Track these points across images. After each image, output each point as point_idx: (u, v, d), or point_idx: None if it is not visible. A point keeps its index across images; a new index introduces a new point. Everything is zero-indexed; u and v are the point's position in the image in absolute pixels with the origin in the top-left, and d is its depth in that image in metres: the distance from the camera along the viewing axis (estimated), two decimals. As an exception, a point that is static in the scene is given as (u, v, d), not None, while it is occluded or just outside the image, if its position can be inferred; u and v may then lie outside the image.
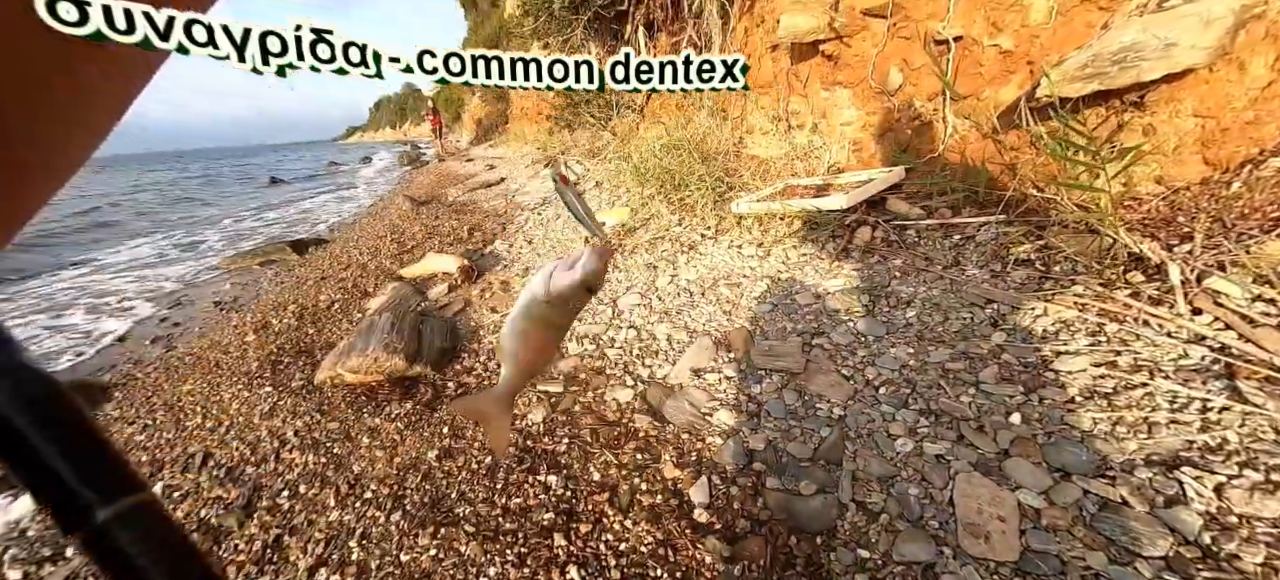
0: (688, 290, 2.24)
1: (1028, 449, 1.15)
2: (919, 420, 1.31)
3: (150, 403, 2.21)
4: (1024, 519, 1.03)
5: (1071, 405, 1.22)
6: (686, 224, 2.84)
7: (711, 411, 1.52)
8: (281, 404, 1.98)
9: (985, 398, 1.31)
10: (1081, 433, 1.15)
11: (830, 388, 1.49)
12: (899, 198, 2.31)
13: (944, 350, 1.50)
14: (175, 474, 1.70)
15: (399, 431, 1.69)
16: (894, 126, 2.63)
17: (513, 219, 4.41)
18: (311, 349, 2.46)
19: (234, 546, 1.36)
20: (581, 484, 1.36)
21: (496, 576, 1.14)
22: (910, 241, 2.07)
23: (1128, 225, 1.58)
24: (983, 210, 2.01)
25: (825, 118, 2.97)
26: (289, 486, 1.54)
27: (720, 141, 3.46)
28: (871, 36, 2.65)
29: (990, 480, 1.11)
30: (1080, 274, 1.57)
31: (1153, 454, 1.06)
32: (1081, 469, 1.08)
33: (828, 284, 1.99)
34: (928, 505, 1.11)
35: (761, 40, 3.32)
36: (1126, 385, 1.22)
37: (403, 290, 2.79)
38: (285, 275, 4.02)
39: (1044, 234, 1.75)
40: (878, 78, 2.64)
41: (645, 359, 1.85)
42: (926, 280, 1.82)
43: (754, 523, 1.18)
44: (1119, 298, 1.43)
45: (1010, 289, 1.63)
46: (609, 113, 5.56)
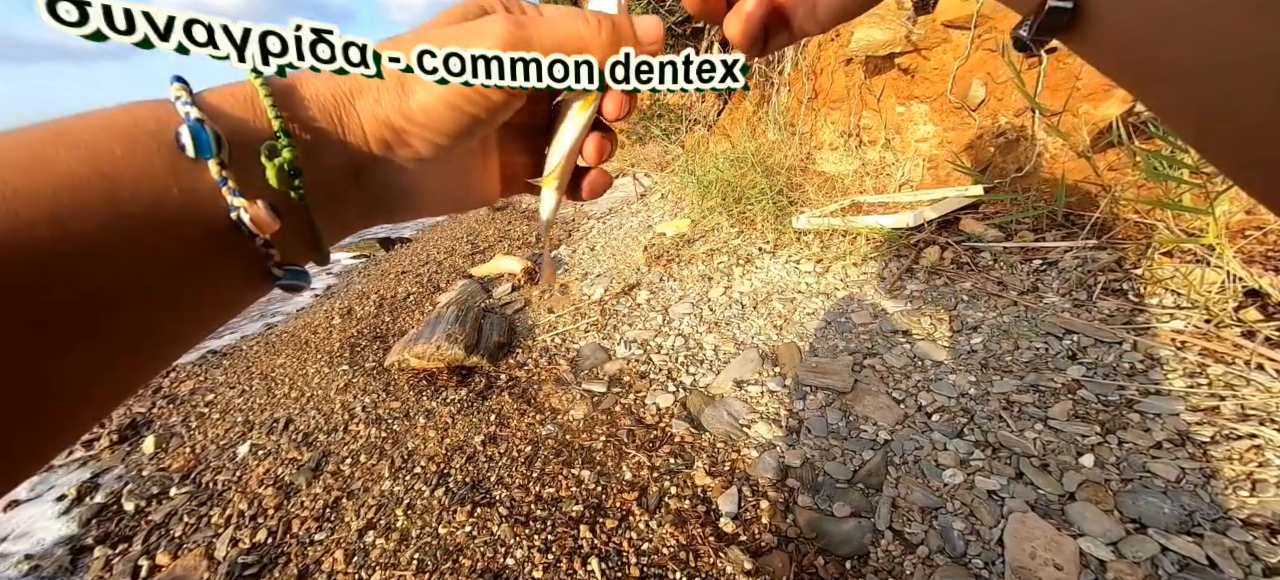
0: (739, 302, 2.21)
1: (1098, 494, 1.03)
2: (973, 452, 1.21)
3: (250, 371, 2.50)
4: (1085, 569, 0.92)
5: (1156, 451, 1.08)
6: (745, 237, 2.81)
7: (750, 423, 1.49)
8: (355, 381, 2.17)
9: (1053, 435, 1.19)
10: (1166, 482, 1.02)
11: (878, 410, 1.42)
12: (974, 218, 2.15)
13: (1010, 380, 1.38)
14: (262, 435, 1.91)
15: (451, 415, 1.80)
16: (974, 143, 2.47)
17: (579, 226, 4.55)
18: (386, 335, 2.67)
19: (301, 503, 1.51)
20: (612, 481, 1.38)
21: (522, 558, 1.18)
22: (983, 264, 1.92)
23: (1246, 256, 1.38)
24: (1070, 233, 1.84)
25: (899, 134, 2.84)
26: (352, 455, 1.68)
27: (787, 156, 3.40)
28: (952, 49, 2.51)
29: (1049, 523, 1.01)
30: (1183, 308, 1.39)
31: (1255, 515, 0.92)
32: (1162, 522, 0.96)
33: (887, 304, 1.89)
34: (973, 542, 1.02)
35: (834, 55, 3.24)
36: (1229, 434, 1.06)
37: (470, 287, 2.96)
38: (372, 268, 4.40)
39: (1141, 263, 1.57)
40: (958, 92, 2.50)
41: (690, 367, 1.85)
42: (997, 306, 1.68)
43: (781, 539, 1.14)
44: (1228, 337, 1.25)
45: (1095, 320, 1.47)
46: (678, 126, 5.62)
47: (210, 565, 1.34)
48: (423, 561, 1.23)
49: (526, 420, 1.71)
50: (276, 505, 1.52)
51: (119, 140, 0.22)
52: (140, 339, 0.24)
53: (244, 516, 1.50)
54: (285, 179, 0.26)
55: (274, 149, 0.26)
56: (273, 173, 0.25)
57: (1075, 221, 1.86)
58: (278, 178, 0.26)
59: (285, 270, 0.28)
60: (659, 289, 2.55)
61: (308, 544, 1.36)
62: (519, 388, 1.93)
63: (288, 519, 1.46)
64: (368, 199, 0.32)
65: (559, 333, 2.35)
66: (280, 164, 0.26)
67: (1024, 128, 2.25)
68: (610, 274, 2.96)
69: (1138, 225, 1.64)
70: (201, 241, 0.25)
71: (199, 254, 0.25)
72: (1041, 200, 1.99)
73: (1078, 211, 1.88)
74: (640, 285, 2.65)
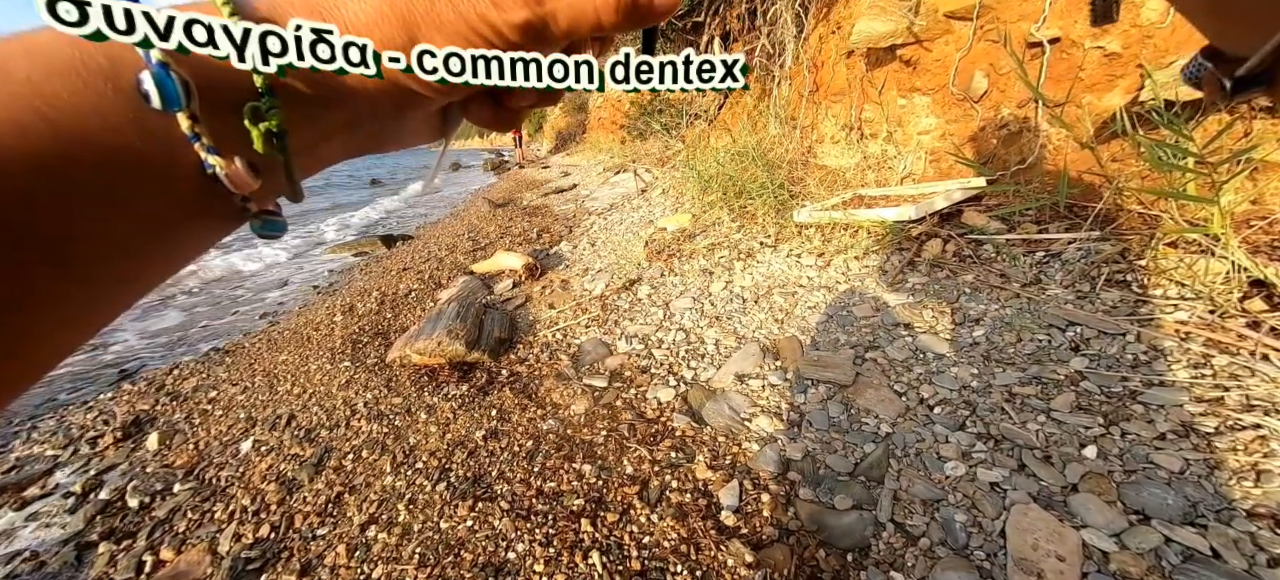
0: (741, 297, 2.20)
1: (1101, 485, 1.03)
2: (975, 444, 1.21)
3: (252, 368, 2.50)
4: (1088, 561, 0.92)
5: (1160, 442, 1.07)
6: (746, 231, 2.80)
7: (751, 417, 1.49)
8: (356, 378, 2.17)
9: (1056, 426, 1.19)
10: (1170, 474, 1.01)
11: (880, 403, 1.41)
12: (976, 210, 2.14)
13: (1013, 373, 1.38)
14: (264, 431, 1.91)
15: (453, 411, 1.80)
16: (977, 135, 2.45)
17: (580, 222, 4.55)
18: (387, 331, 2.67)
19: (303, 498, 1.51)
20: (614, 476, 1.38)
21: (523, 552, 1.18)
22: (986, 257, 1.92)
23: (1251, 246, 1.37)
24: (1073, 225, 1.82)
25: (901, 126, 2.82)
26: (354, 451, 1.68)
27: (788, 149, 3.39)
28: (955, 40, 2.49)
29: (1051, 515, 1.00)
30: (1187, 299, 1.38)
31: (1259, 505, 0.92)
32: (1166, 514, 0.95)
33: (888, 297, 1.88)
34: (975, 534, 1.02)
35: (836, 47, 3.22)
36: (1234, 425, 1.06)
37: (472, 284, 2.96)
38: (373, 265, 4.40)
39: (1145, 254, 1.56)
40: (960, 84, 2.48)
41: (691, 361, 1.85)
42: (1000, 298, 1.67)
43: (782, 531, 1.14)
44: (1233, 327, 1.24)
45: (1098, 311, 1.47)
46: (679, 121, 5.61)
47: (213, 560, 1.35)
48: (424, 556, 1.23)
49: (528, 415, 1.71)
50: (279, 501, 1.52)
51: (62, 77, 0.20)
52: (95, 289, 0.23)
53: (247, 512, 1.50)
54: (272, 143, 0.24)
55: (259, 111, 0.23)
56: (258, 139, 0.23)
57: (1078, 213, 1.85)
58: (264, 144, 0.24)
59: (264, 221, 0.27)
60: (660, 284, 2.55)
61: (310, 539, 1.36)
62: (520, 383, 1.93)
63: (290, 514, 1.46)
64: (354, 140, 0.30)
65: (560, 328, 2.35)
66: (267, 129, 0.23)
67: (1027, 119, 2.24)
68: (611, 269, 2.96)
69: (1142, 216, 1.63)
70: (169, 194, 0.23)
71: (165, 205, 0.23)
72: (1044, 192, 1.98)
73: (1081, 203, 1.87)
74: (641, 280, 2.65)
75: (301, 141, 0.26)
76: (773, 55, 3.93)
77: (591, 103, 13.73)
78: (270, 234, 0.28)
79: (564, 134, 17.87)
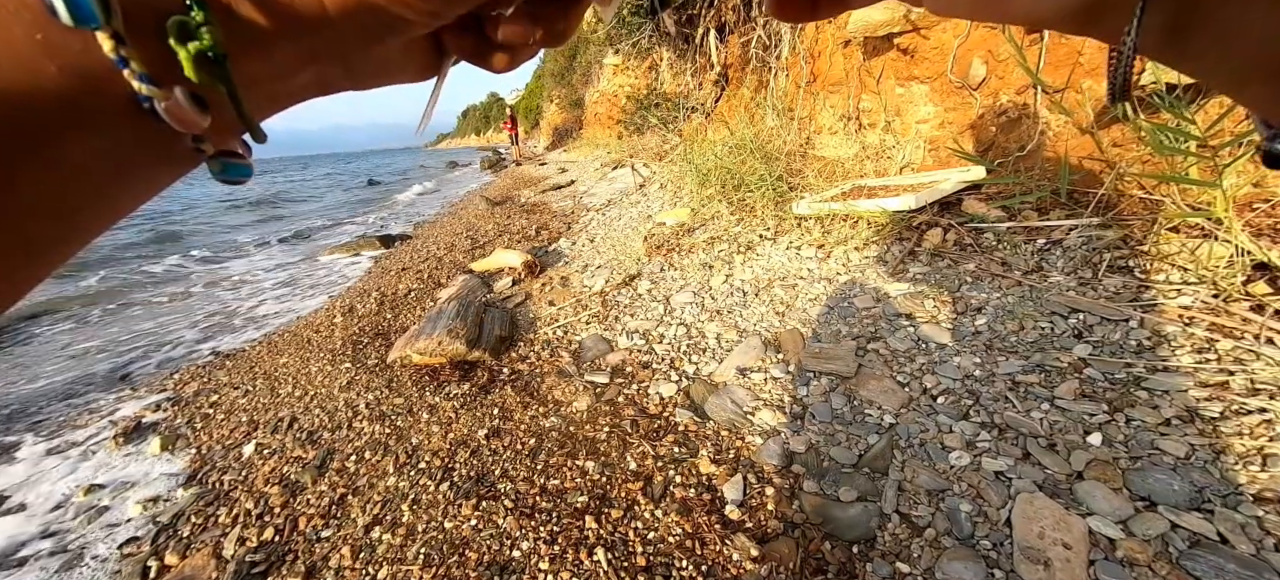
0: (741, 290, 2.20)
1: (1106, 473, 1.02)
2: (979, 434, 1.20)
3: (253, 372, 2.50)
4: (1095, 548, 0.92)
5: (1165, 428, 1.07)
6: (745, 224, 2.79)
7: (754, 410, 1.49)
8: (357, 379, 2.17)
9: (1060, 414, 1.18)
10: (1175, 459, 1.01)
11: (883, 394, 1.41)
12: (976, 198, 2.13)
13: (1016, 361, 1.37)
14: (266, 434, 1.91)
15: (455, 410, 1.80)
16: (976, 123, 2.44)
17: (578, 219, 4.53)
18: (388, 332, 2.67)
19: (307, 501, 1.51)
20: (617, 472, 1.37)
21: (528, 550, 1.18)
22: (987, 245, 1.91)
23: (1254, 229, 1.36)
24: (1074, 211, 1.81)
25: (899, 116, 2.81)
26: (356, 452, 1.68)
27: (786, 141, 3.37)
28: (952, 27, 2.47)
29: (1057, 503, 1.00)
30: (1190, 283, 1.38)
31: (1266, 490, 0.91)
32: (1172, 499, 0.95)
33: (890, 288, 1.88)
34: (980, 523, 1.02)
35: (832, 37, 3.20)
36: (1239, 410, 1.05)
37: (471, 282, 2.95)
38: (372, 266, 4.39)
39: (1147, 239, 1.55)
40: (958, 71, 2.46)
41: (692, 355, 1.84)
42: (1002, 287, 1.66)
43: (787, 524, 1.14)
44: (1237, 311, 1.23)
45: (1101, 298, 1.46)
46: (675, 115, 5.58)
47: (218, 564, 1.35)
48: (429, 556, 1.23)
49: (530, 413, 1.70)
50: (282, 503, 1.52)
51: None
52: (9, 260, 0.20)
53: (251, 515, 1.50)
54: (208, 67, 0.19)
55: (187, 28, 0.18)
56: (188, 63, 0.18)
57: (1079, 199, 1.84)
58: (197, 70, 0.19)
59: (224, 165, 0.23)
60: (660, 279, 2.54)
61: (314, 541, 1.36)
62: (522, 381, 1.92)
63: (294, 517, 1.46)
64: (323, 74, 0.25)
65: (561, 325, 2.34)
66: (199, 50, 0.18)
67: (1026, 105, 2.22)
68: (611, 265, 2.95)
69: (1143, 201, 1.62)
70: (100, 135, 0.19)
71: (96, 151, 0.19)
72: (1045, 179, 1.97)
73: (1082, 189, 1.85)
74: (641, 275, 2.64)
75: (251, 73, 0.21)
76: (769, 46, 3.91)
77: (588, 98, 13.67)
78: (233, 178, 0.24)
79: (561, 130, 17.83)
